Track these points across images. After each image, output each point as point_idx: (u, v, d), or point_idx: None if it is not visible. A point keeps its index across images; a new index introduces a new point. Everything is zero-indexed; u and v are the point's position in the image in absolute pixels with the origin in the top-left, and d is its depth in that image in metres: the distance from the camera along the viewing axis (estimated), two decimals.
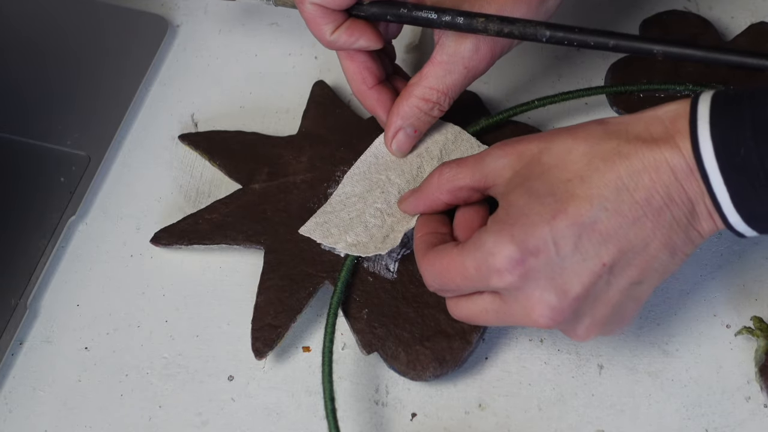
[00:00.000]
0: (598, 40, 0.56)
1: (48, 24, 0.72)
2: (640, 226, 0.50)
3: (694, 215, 0.51)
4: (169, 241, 0.63)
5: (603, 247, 0.50)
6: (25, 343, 0.61)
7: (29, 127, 0.67)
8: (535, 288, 0.51)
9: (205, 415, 0.58)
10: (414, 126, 0.61)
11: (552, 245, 0.50)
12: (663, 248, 0.51)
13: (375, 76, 0.61)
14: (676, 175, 0.50)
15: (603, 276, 0.51)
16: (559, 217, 0.50)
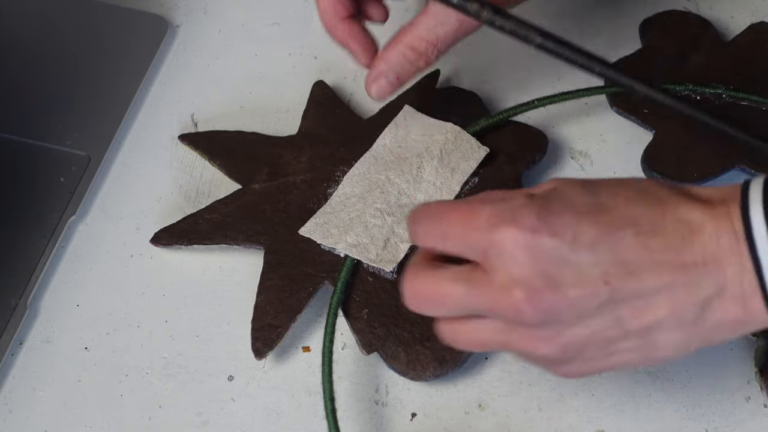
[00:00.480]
0: (585, 63, 0.55)
1: (48, 24, 0.72)
2: (660, 271, 0.46)
3: (721, 293, 0.47)
4: (169, 241, 0.63)
5: (615, 267, 0.46)
6: (25, 343, 0.61)
7: (29, 127, 0.67)
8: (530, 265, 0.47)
9: (205, 415, 0.58)
10: (397, 73, 0.60)
11: (571, 233, 0.46)
12: (668, 311, 0.47)
13: (346, 8, 0.61)
14: (719, 240, 0.46)
15: (600, 295, 0.46)
16: (591, 215, 0.47)
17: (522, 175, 0.64)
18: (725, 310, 0.47)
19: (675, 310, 0.47)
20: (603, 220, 0.47)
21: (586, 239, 0.46)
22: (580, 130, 0.67)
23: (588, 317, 0.47)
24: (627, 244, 0.46)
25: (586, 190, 0.48)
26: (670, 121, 0.65)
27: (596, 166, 0.66)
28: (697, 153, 0.64)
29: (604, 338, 0.47)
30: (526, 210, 0.46)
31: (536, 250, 0.46)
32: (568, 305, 0.46)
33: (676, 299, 0.47)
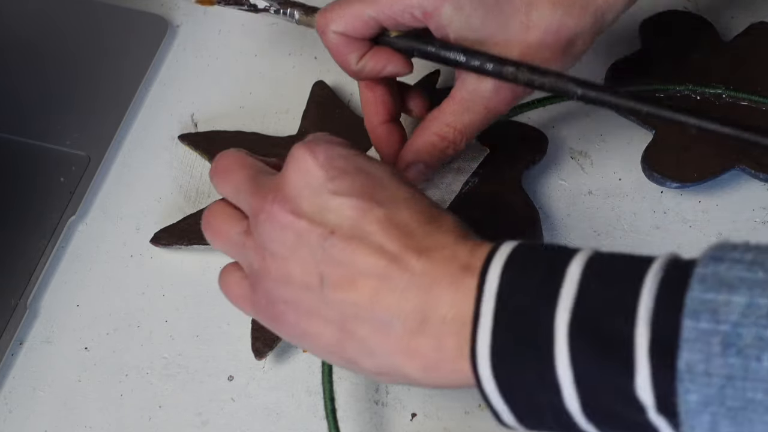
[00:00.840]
0: (629, 105, 0.54)
1: (47, 24, 0.72)
2: (382, 256, 0.46)
3: (428, 320, 0.46)
4: (169, 241, 0.63)
5: (347, 225, 0.47)
6: (25, 343, 0.61)
7: (29, 127, 0.67)
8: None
9: (205, 415, 0.58)
10: (425, 163, 0.59)
11: (338, 176, 0.48)
12: (368, 300, 0.47)
13: (389, 111, 0.60)
14: (457, 272, 0.46)
15: (321, 236, 0.47)
16: (366, 178, 0.49)
17: (522, 175, 0.64)
18: (430, 345, 0.46)
19: (375, 304, 0.46)
20: (370, 188, 0.48)
21: (344, 188, 0.48)
22: (580, 130, 0.67)
23: (303, 250, 0.48)
24: (374, 215, 0.47)
25: (386, 173, 0.50)
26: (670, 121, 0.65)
27: (596, 166, 0.66)
28: (697, 153, 0.64)
29: (306, 282, 0.48)
30: (318, 145, 0.49)
31: (305, 172, 0.48)
32: (296, 229, 0.48)
33: (379, 292, 0.46)
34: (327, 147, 0.50)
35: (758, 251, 0.41)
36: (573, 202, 0.65)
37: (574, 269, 0.43)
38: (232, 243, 0.52)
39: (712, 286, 0.40)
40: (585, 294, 0.42)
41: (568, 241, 0.63)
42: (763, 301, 0.39)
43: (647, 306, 0.41)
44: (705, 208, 0.64)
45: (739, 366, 0.39)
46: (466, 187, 0.62)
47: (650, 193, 0.64)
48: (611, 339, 0.41)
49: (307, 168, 0.49)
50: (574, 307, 0.42)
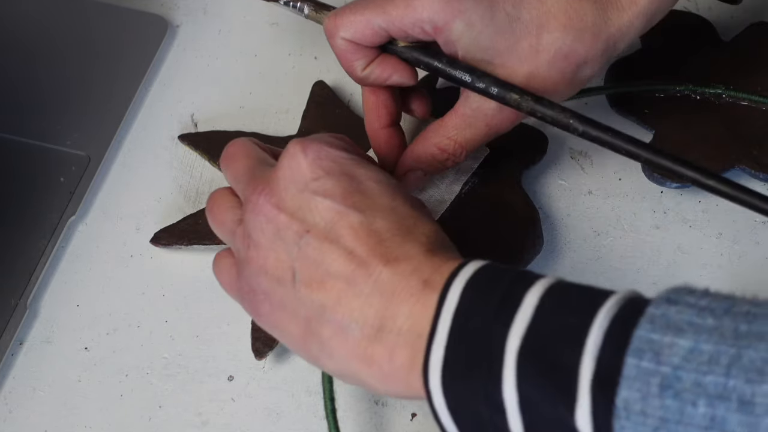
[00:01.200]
0: (629, 149, 0.54)
1: (47, 24, 0.72)
2: (352, 260, 0.48)
3: (387, 329, 0.47)
4: (169, 241, 0.63)
5: (323, 226, 0.48)
6: (25, 343, 0.61)
7: (29, 127, 0.68)
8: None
9: (205, 415, 0.58)
10: (424, 171, 0.60)
11: (323, 176, 0.50)
12: (335, 301, 0.48)
13: (391, 116, 0.60)
14: (418, 285, 0.47)
15: (298, 233, 0.49)
16: (350, 180, 0.50)
17: (522, 175, 0.64)
18: (385, 355, 0.47)
19: (339, 306, 0.47)
20: (351, 192, 0.49)
21: (325, 189, 0.49)
22: None
23: (280, 244, 0.49)
24: (349, 220, 0.48)
25: (374, 174, 0.51)
26: (670, 121, 0.65)
27: (596, 166, 0.66)
28: (697, 153, 0.64)
29: (280, 276, 0.49)
30: (314, 142, 0.51)
31: (294, 168, 0.50)
32: (276, 222, 0.49)
33: (345, 296, 0.48)
34: (319, 147, 0.51)
35: (713, 298, 0.41)
36: (573, 202, 0.65)
37: (532, 296, 0.44)
38: (227, 229, 0.53)
39: (659, 327, 0.40)
40: (538, 322, 0.43)
41: (567, 242, 0.63)
42: (707, 348, 0.40)
43: (595, 340, 0.41)
44: (705, 208, 0.64)
45: (674, 409, 0.39)
46: (466, 187, 0.62)
47: (650, 193, 0.64)
48: (557, 368, 0.42)
49: (297, 164, 0.50)
50: (526, 333, 0.43)
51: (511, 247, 0.60)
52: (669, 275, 0.62)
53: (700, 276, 0.61)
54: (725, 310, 0.40)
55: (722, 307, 0.41)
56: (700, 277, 0.61)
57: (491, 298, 0.45)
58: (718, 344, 0.39)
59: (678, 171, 0.53)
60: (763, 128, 0.64)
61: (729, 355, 0.39)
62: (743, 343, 0.39)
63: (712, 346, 0.39)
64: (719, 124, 0.65)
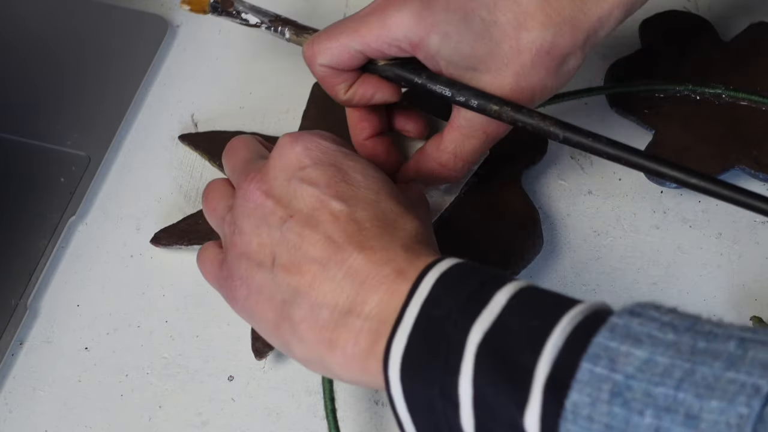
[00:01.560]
0: (610, 152, 0.54)
1: (47, 24, 0.72)
2: (329, 246, 0.49)
3: (356, 314, 0.47)
4: (169, 241, 0.63)
5: (305, 215, 0.50)
6: (25, 343, 0.61)
7: (29, 127, 0.68)
8: None
9: (205, 415, 0.58)
10: (425, 183, 0.60)
11: (311, 165, 0.51)
12: (308, 285, 0.48)
13: (373, 128, 0.60)
14: (392, 275, 0.47)
15: (281, 218, 0.50)
16: (337, 172, 0.51)
17: (522, 175, 0.64)
18: (350, 339, 0.47)
19: (312, 290, 0.48)
20: (336, 182, 0.50)
21: (311, 177, 0.50)
22: None
23: (264, 229, 0.50)
24: (331, 207, 0.49)
25: (357, 164, 0.52)
26: (670, 121, 0.65)
27: (596, 166, 0.66)
28: (696, 153, 0.64)
29: (260, 260, 0.50)
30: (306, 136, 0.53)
31: (284, 157, 0.51)
32: (263, 208, 0.51)
33: (318, 279, 0.48)
34: (310, 138, 0.52)
35: (677, 315, 0.42)
36: (573, 202, 0.65)
37: (501, 296, 0.44)
38: (217, 217, 0.55)
39: (618, 336, 0.41)
40: (503, 321, 0.43)
41: (567, 242, 0.63)
42: (662, 360, 0.40)
43: (555, 343, 0.42)
44: (705, 208, 0.64)
45: (621, 417, 0.39)
46: (466, 187, 0.62)
47: (650, 193, 0.65)
48: (514, 367, 0.42)
49: (286, 153, 0.51)
50: (489, 329, 0.43)
51: (511, 247, 0.60)
52: (669, 275, 0.62)
53: (700, 276, 0.61)
54: (687, 327, 0.41)
55: (684, 324, 0.41)
56: (700, 277, 0.61)
57: (461, 292, 0.45)
58: (673, 358, 0.40)
59: (660, 171, 0.53)
60: (763, 128, 0.64)
61: (683, 369, 0.39)
62: (698, 359, 0.39)
63: (668, 359, 0.40)
64: (719, 124, 0.65)
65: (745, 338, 0.40)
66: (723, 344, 0.40)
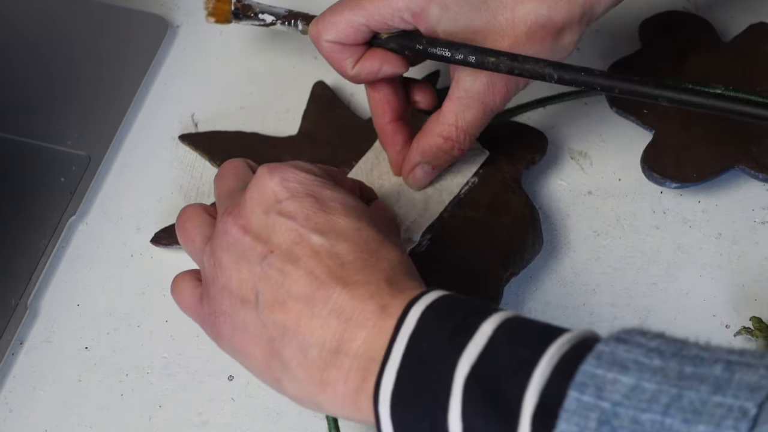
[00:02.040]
0: (604, 83, 0.55)
1: (47, 24, 0.72)
2: (312, 282, 0.48)
3: (344, 351, 0.47)
4: (169, 241, 0.63)
5: (286, 248, 0.49)
6: (25, 343, 0.61)
7: (29, 127, 0.68)
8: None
9: (205, 415, 0.58)
10: (432, 164, 0.60)
11: (289, 198, 0.50)
12: (294, 323, 0.48)
13: (394, 111, 0.61)
14: (378, 311, 0.47)
15: (261, 253, 0.49)
16: (316, 204, 0.50)
17: (522, 175, 0.64)
18: (340, 378, 0.47)
19: (300, 327, 0.48)
20: (315, 214, 0.50)
21: (289, 210, 0.50)
22: (579, 130, 0.67)
23: (245, 265, 0.50)
24: (311, 241, 0.49)
25: (339, 196, 0.51)
26: (670, 122, 0.65)
27: (596, 167, 0.66)
28: (696, 153, 0.64)
29: (243, 297, 0.50)
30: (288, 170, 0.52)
31: (261, 190, 0.51)
32: (241, 244, 0.50)
33: (304, 317, 0.48)
34: (286, 169, 0.52)
35: (664, 341, 0.41)
36: (573, 202, 0.65)
37: (487, 327, 0.44)
38: (195, 248, 0.54)
39: (604, 364, 0.41)
40: (490, 352, 0.43)
41: (567, 242, 0.63)
42: (649, 386, 0.40)
43: (542, 373, 0.42)
44: (705, 208, 0.64)
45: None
46: (465, 187, 0.63)
47: (650, 193, 0.65)
48: (502, 398, 0.42)
49: (264, 186, 0.51)
50: (476, 362, 0.43)
51: (511, 247, 0.60)
52: (669, 275, 0.62)
53: (700, 276, 0.61)
54: (674, 352, 0.41)
55: (671, 349, 0.41)
56: (700, 277, 0.61)
57: (447, 325, 0.45)
58: (660, 384, 0.40)
59: (653, 93, 0.55)
60: (763, 128, 0.64)
61: (670, 394, 0.39)
62: (685, 384, 0.39)
63: (655, 385, 0.40)
64: (719, 124, 0.65)
65: (732, 361, 0.40)
66: (709, 368, 0.40)
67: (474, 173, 0.63)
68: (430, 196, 0.62)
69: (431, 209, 0.61)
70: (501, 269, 0.59)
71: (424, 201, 0.62)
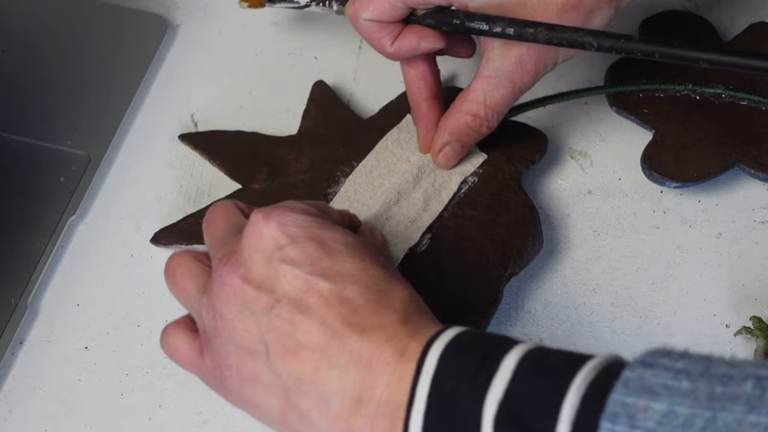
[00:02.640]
0: (645, 49, 0.55)
1: (48, 24, 0.72)
2: (325, 331, 0.47)
3: (366, 400, 0.46)
4: (169, 241, 0.63)
5: (292, 298, 0.47)
6: (25, 342, 0.61)
7: (29, 127, 0.68)
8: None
9: (205, 414, 0.58)
10: (461, 142, 0.61)
11: (289, 244, 0.49)
12: (312, 373, 0.47)
13: (431, 88, 0.61)
14: (394, 350, 0.46)
15: (266, 305, 0.48)
16: (319, 247, 0.49)
17: (522, 175, 0.64)
18: (366, 426, 0.46)
19: (317, 378, 0.47)
20: (319, 258, 0.48)
21: (292, 257, 0.48)
22: (580, 130, 0.67)
23: (249, 317, 0.48)
24: (319, 288, 0.48)
25: (341, 239, 0.50)
26: (670, 121, 0.65)
27: (596, 166, 0.66)
28: (697, 153, 0.64)
29: (251, 349, 0.48)
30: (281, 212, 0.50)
31: (258, 237, 0.49)
32: (243, 295, 0.48)
33: (321, 367, 0.47)
34: (282, 213, 0.50)
35: (689, 360, 0.41)
36: (573, 202, 0.65)
37: (510, 361, 0.44)
38: (189, 298, 0.52)
39: (634, 391, 0.40)
40: (515, 387, 0.43)
41: (567, 241, 0.63)
42: (681, 411, 0.39)
43: (572, 404, 0.41)
44: (705, 208, 0.64)
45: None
46: (465, 188, 0.63)
47: (650, 193, 0.65)
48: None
49: (261, 233, 0.49)
50: (503, 399, 0.43)
51: (511, 247, 0.60)
52: (669, 275, 0.62)
53: (700, 276, 0.61)
54: (701, 372, 0.40)
55: (698, 369, 0.40)
56: (700, 277, 0.61)
57: (469, 363, 0.44)
58: (693, 407, 0.39)
59: (692, 57, 0.55)
60: (763, 128, 0.64)
61: (704, 418, 0.39)
62: (718, 406, 0.39)
63: (687, 409, 0.39)
64: (719, 124, 0.65)
65: (761, 376, 0.39)
66: (740, 386, 0.39)
67: (474, 173, 0.63)
68: (430, 196, 0.62)
69: (431, 209, 0.61)
70: (501, 269, 0.59)
71: (424, 201, 0.62)
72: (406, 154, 0.63)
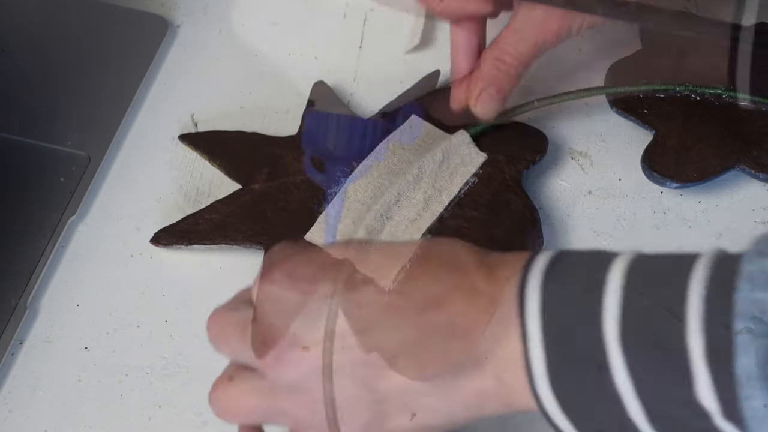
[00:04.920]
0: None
1: (47, 24, 0.72)
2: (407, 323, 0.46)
3: (477, 361, 0.45)
4: (169, 241, 0.63)
5: None
6: (25, 343, 0.61)
7: (29, 127, 0.68)
8: None
9: (205, 415, 0.58)
10: (495, 86, 0.62)
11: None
12: None
13: (472, 51, 0.64)
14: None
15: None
16: None
17: (522, 175, 0.64)
18: (482, 380, 0.45)
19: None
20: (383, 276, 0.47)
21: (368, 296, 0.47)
22: (580, 130, 0.67)
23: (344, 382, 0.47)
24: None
25: None
26: (670, 122, 0.65)
27: (596, 167, 0.66)
28: (697, 153, 0.64)
29: (352, 398, 0.47)
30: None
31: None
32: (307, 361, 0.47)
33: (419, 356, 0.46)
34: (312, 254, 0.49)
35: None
36: (573, 202, 0.65)
37: (615, 275, 0.43)
38: (263, 410, 0.50)
39: (759, 284, 0.39)
40: (630, 302, 0.42)
41: (567, 242, 0.63)
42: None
43: (697, 310, 0.40)
44: (705, 209, 0.64)
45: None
46: (465, 188, 0.63)
47: (650, 193, 0.65)
48: (666, 347, 0.40)
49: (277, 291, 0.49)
50: (622, 317, 0.41)
51: (510, 247, 0.60)
52: None
53: None
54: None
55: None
56: None
57: (573, 286, 0.43)
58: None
59: None
60: (763, 128, 0.64)
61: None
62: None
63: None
64: (719, 124, 0.65)
65: None
66: None
67: (474, 173, 0.63)
68: (430, 196, 0.62)
69: (431, 209, 0.61)
70: None
71: (425, 202, 0.62)
72: (407, 155, 0.63)
